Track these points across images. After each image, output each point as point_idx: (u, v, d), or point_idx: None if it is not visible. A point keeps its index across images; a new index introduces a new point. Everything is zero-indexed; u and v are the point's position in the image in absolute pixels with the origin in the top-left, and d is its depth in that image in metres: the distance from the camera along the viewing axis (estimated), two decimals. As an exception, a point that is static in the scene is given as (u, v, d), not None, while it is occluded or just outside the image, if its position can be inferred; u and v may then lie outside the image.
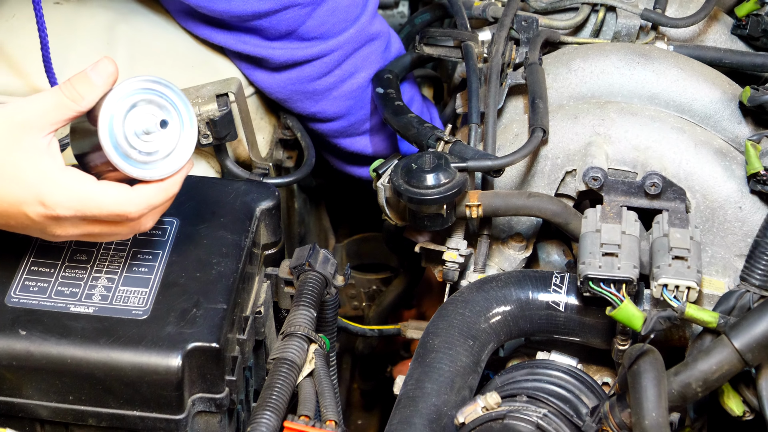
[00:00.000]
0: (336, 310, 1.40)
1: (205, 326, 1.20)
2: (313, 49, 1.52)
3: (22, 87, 1.46)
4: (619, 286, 1.21)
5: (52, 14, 1.52)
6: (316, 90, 1.56)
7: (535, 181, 1.39)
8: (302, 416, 1.19)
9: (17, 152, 1.13)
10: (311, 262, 1.34)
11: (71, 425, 1.21)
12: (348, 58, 1.55)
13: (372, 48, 1.58)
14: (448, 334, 1.26)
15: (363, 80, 1.58)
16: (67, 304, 1.21)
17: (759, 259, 1.24)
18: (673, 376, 1.15)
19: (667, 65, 1.41)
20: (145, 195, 1.15)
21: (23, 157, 1.13)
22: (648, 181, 1.30)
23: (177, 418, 1.19)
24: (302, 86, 1.56)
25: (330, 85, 1.56)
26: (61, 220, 1.15)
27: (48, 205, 1.13)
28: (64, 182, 1.13)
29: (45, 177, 1.13)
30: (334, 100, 1.58)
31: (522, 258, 1.42)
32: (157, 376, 1.16)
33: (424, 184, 1.29)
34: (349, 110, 1.60)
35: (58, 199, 1.13)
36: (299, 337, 1.26)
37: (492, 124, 1.39)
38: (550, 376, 1.29)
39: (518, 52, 1.47)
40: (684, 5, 1.55)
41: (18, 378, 1.18)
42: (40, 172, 1.13)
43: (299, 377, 1.23)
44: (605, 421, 1.18)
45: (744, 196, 1.33)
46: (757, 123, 1.40)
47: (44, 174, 1.13)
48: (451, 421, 1.19)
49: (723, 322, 1.17)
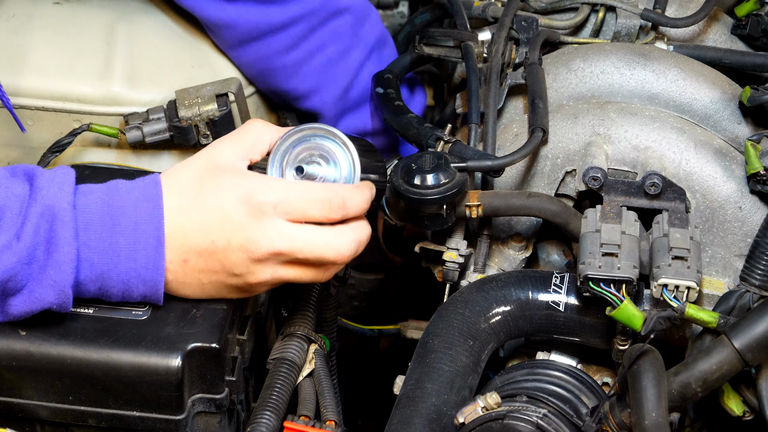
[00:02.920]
0: (336, 310, 1.40)
1: (205, 326, 1.20)
2: (274, 12, 1.49)
3: (22, 87, 1.46)
4: (619, 286, 1.21)
5: (51, 14, 1.52)
6: (286, 65, 1.53)
7: (535, 181, 1.39)
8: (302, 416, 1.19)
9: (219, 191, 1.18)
10: (311, 262, 1.34)
11: (71, 425, 1.20)
12: (314, 31, 1.53)
13: (340, 22, 1.55)
14: (448, 334, 1.26)
15: (333, 55, 1.55)
16: (67, 305, 1.21)
17: (759, 259, 1.24)
18: (673, 376, 1.15)
19: (667, 65, 1.41)
20: (350, 232, 1.21)
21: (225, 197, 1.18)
22: (648, 181, 1.30)
23: (177, 419, 1.19)
24: (270, 62, 1.53)
25: (298, 60, 1.53)
26: (263, 262, 1.18)
27: (251, 243, 1.17)
28: (267, 224, 1.18)
29: (249, 219, 1.18)
30: (305, 76, 1.55)
31: (522, 258, 1.42)
32: (156, 376, 1.16)
33: (424, 184, 1.29)
34: (320, 85, 1.57)
35: (264, 239, 1.17)
36: (299, 337, 1.26)
37: (492, 124, 1.39)
38: (550, 376, 1.29)
39: (518, 52, 1.47)
40: (684, 5, 1.55)
41: (18, 378, 1.18)
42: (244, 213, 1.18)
43: (299, 377, 1.23)
44: (605, 421, 1.18)
45: (744, 196, 1.33)
46: (757, 123, 1.40)
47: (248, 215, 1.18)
48: (450, 421, 1.19)
49: (723, 322, 1.17)
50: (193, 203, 1.18)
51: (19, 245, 1.11)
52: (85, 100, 1.46)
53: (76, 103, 1.46)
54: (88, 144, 1.48)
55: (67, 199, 1.14)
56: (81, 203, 1.15)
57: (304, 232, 1.19)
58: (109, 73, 1.47)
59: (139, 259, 1.16)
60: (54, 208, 1.13)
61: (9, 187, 1.14)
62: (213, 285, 1.20)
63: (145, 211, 1.16)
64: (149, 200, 1.17)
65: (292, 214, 1.18)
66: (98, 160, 1.46)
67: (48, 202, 1.13)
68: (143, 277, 1.17)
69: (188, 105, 1.43)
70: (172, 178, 1.20)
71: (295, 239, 1.18)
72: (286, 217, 1.18)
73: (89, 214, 1.15)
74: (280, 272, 1.20)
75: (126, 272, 1.16)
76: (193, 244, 1.18)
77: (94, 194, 1.17)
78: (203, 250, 1.18)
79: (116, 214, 1.16)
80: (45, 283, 1.13)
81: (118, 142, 1.47)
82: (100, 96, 1.46)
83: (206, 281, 1.20)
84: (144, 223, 1.16)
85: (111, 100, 1.46)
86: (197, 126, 1.43)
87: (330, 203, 1.20)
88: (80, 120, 1.45)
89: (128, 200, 1.17)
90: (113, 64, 1.48)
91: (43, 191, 1.14)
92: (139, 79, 1.48)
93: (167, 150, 1.47)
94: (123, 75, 1.47)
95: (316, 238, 1.19)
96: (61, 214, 1.13)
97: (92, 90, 1.46)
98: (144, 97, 1.47)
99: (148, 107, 1.45)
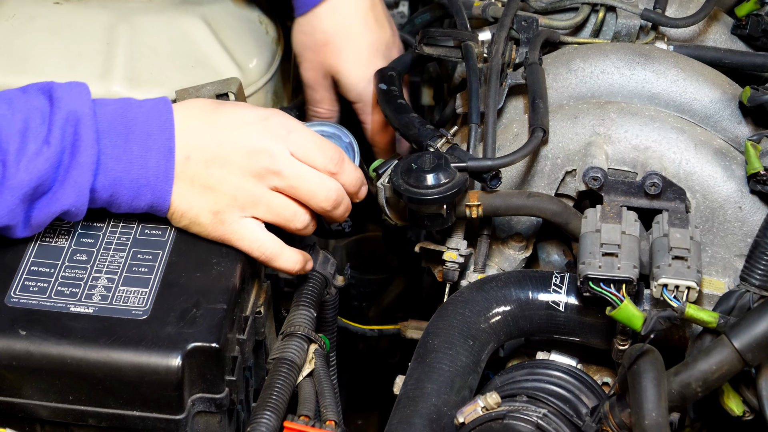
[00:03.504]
0: (336, 310, 1.41)
1: (205, 326, 1.20)
2: None
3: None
4: (619, 286, 1.21)
5: (52, 14, 1.52)
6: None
7: (535, 181, 1.39)
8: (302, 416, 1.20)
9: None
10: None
11: (71, 425, 1.21)
12: None
13: None
14: (448, 334, 1.26)
15: None
16: (67, 304, 1.21)
17: (759, 259, 1.24)
18: (673, 376, 1.15)
19: (667, 65, 1.41)
20: (339, 184, 1.30)
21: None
22: (648, 181, 1.30)
23: (177, 418, 1.19)
24: None
25: None
26: (260, 178, 1.26)
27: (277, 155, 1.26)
28: (277, 145, 1.28)
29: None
30: None
31: (522, 258, 1.42)
32: (157, 376, 1.16)
33: (424, 184, 1.29)
34: None
35: (269, 155, 1.26)
36: (299, 337, 1.26)
37: (492, 124, 1.39)
38: (550, 376, 1.29)
39: (518, 52, 1.47)
40: (684, 5, 1.55)
41: (18, 378, 1.18)
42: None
43: (299, 377, 1.24)
44: (605, 421, 1.18)
45: (744, 196, 1.33)
46: (757, 123, 1.40)
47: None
48: (451, 421, 1.19)
49: (723, 322, 1.17)
50: (210, 114, 1.28)
51: (50, 150, 1.18)
52: (85, 100, 1.46)
53: (77, 103, 1.46)
54: (88, 144, 1.48)
55: (88, 104, 1.22)
56: (99, 111, 1.23)
57: (305, 166, 1.28)
58: (109, 73, 1.47)
59: (150, 167, 1.23)
60: (77, 113, 1.20)
61: (28, 101, 1.21)
62: (201, 192, 1.25)
63: (156, 121, 1.24)
64: (161, 113, 1.25)
65: (299, 149, 1.27)
66: (98, 160, 1.46)
67: (71, 107, 1.20)
68: (153, 184, 1.24)
69: (188, 105, 1.43)
70: (190, 101, 1.31)
71: (297, 166, 1.27)
72: (293, 149, 1.27)
73: (106, 122, 1.23)
74: (269, 196, 1.27)
75: (137, 179, 1.23)
76: (200, 143, 1.25)
77: (109, 105, 1.24)
78: (208, 149, 1.25)
79: (130, 123, 1.23)
80: (67, 184, 1.20)
81: (118, 142, 1.47)
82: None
83: (198, 184, 1.25)
84: (156, 133, 1.24)
85: (111, 101, 1.46)
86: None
87: (332, 157, 1.29)
88: (80, 120, 1.45)
89: (141, 112, 1.25)
90: (113, 64, 1.48)
91: (64, 99, 1.21)
92: (139, 80, 1.48)
93: (167, 150, 1.47)
94: (123, 75, 1.47)
95: (314, 173, 1.28)
96: (85, 118, 1.20)
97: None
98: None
99: (148, 107, 1.44)
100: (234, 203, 1.26)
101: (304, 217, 1.30)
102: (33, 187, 1.18)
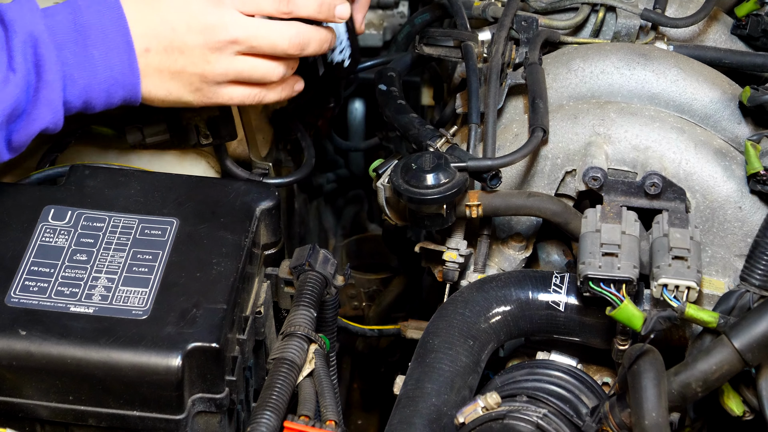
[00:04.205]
0: (336, 310, 1.40)
1: (205, 326, 1.20)
2: None
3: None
4: (619, 286, 1.21)
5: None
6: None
7: (535, 181, 1.39)
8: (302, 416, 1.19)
9: None
10: (311, 262, 1.34)
11: (71, 425, 1.20)
12: None
13: None
14: (448, 334, 1.26)
15: None
16: (67, 304, 1.21)
17: (759, 259, 1.24)
18: (673, 376, 1.15)
19: (667, 65, 1.41)
20: (299, 25, 1.30)
21: None
22: (648, 181, 1.30)
23: (177, 419, 1.19)
24: None
25: None
26: (220, 50, 1.27)
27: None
28: (225, 13, 1.28)
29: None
30: None
31: (522, 258, 1.42)
32: (157, 376, 1.16)
33: (423, 184, 1.30)
34: None
35: (221, 26, 1.27)
36: (299, 337, 1.26)
37: (492, 124, 1.39)
38: (550, 376, 1.29)
39: (518, 52, 1.47)
40: (684, 5, 1.55)
41: (18, 378, 1.18)
42: None
43: (299, 377, 1.23)
44: (605, 421, 1.18)
45: (744, 196, 1.33)
46: (757, 123, 1.40)
47: None
48: (451, 421, 1.19)
49: (723, 322, 1.17)
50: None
51: (17, 76, 1.18)
52: (85, 100, 1.46)
53: (76, 103, 1.46)
54: (88, 144, 1.48)
55: (41, 22, 1.21)
56: (50, 24, 1.22)
57: (258, 21, 1.29)
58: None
59: (114, 66, 1.24)
60: (33, 33, 1.20)
61: None
62: (173, 78, 1.28)
63: (109, 20, 1.24)
64: (111, 10, 1.24)
65: (245, 4, 1.28)
66: (98, 160, 1.46)
67: (27, 29, 1.20)
68: (121, 82, 1.25)
69: (188, 105, 1.43)
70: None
71: (250, 26, 1.28)
72: (241, 7, 1.28)
73: (61, 34, 1.22)
74: (236, 63, 1.29)
75: (105, 81, 1.24)
76: (154, 32, 1.26)
77: (59, 14, 1.23)
78: (163, 37, 1.26)
79: (85, 28, 1.23)
80: (40, 104, 1.21)
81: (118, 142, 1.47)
82: None
83: (166, 72, 1.27)
84: (112, 31, 1.24)
85: (111, 100, 1.46)
86: (197, 126, 1.43)
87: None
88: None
89: (91, 14, 1.24)
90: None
91: (17, 22, 1.20)
92: (139, 79, 1.48)
93: (167, 150, 1.47)
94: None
95: (268, 25, 1.29)
96: (42, 37, 1.20)
97: None
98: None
99: (148, 107, 1.45)
100: (206, 79, 1.29)
101: (277, 69, 1.32)
102: (7, 114, 1.18)
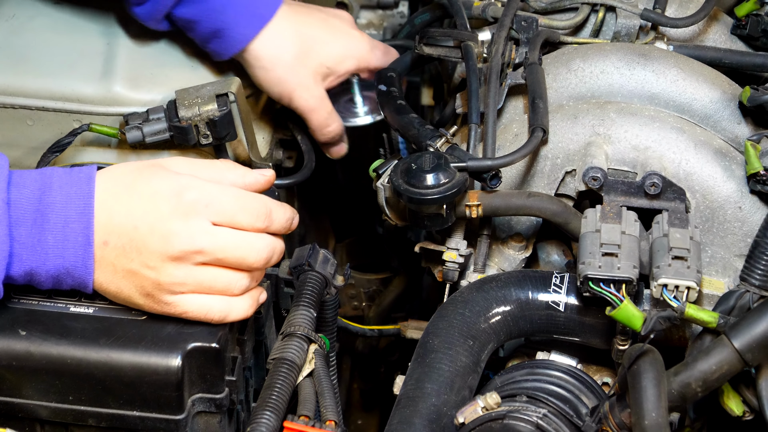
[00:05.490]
0: (336, 310, 1.40)
1: (205, 326, 1.20)
2: None
3: (22, 87, 1.46)
4: (619, 286, 1.21)
5: (52, 14, 1.53)
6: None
7: (535, 181, 1.39)
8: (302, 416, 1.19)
9: None
10: (311, 262, 1.34)
11: (71, 425, 1.21)
12: None
13: None
14: (448, 334, 1.26)
15: None
16: (67, 304, 1.21)
17: (759, 259, 1.24)
18: (673, 376, 1.15)
19: (666, 65, 1.41)
20: (269, 238, 1.25)
21: None
22: (648, 181, 1.30)
23: (177, 419, 1.19)
24: None
25: None
26: (179, 260, 1.19)
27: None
28: (194, 222, 1.20)
29: None
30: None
31: (522, 258, 1.42)
32: (156, 376, 1.16)
33: (423, 184, 1.29)
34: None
35: (185, 234, 1.19)
36: (299, 337, 1.26)
37: (492, 124, 1.39)
38: (550, 376, 1.29)
39: (518, 52, 1.47)
40: (684, 5, 1.55)
41: (18, 378, 1.18)
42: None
43: (299, 377, 1.23)
44: (605, 421, 1.18)
45: (744, 196, 1.33)
46: (757, 123, 1.40)
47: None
48: (451, 421, 1.19)
49: (723, 322, 1.17)
50: (126, 189, 1.20)
51: None
52: (85, 100, 1.46)
53: (77, 103, 1.46)
54: (88, 144, 1.48)
55: (3, 191, 1.15)
56: (14, 197, 1.16)
57: (228, 232, 1.22)
58: (110, 73, 1.47)
59: (67, 257, 1.17)
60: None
61: None
62: (125, 277, 1.20)
63: (75, 208, 1.17)
64: (81, 197, 1.18)
65: (221, 217, 1.21)
66: (98, 160, 1.46)
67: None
68: (72, 273, 1.18)
69: (188, 105, 1.43)
70: (113, 168, 1.23)
71: (219, 237, 1.21)
72: (215, 219, 1.21)
73: (21, 210, 1.16)
74: (196, 273, 1.20)
75: (54, 268, 1.18)
76: (116, 226, 1.18)
77: (27, 188, 1.17)
78: (124, 233, 1.18)
79: (47, 211, 1.17)
80: None
81: (118, 142, 1.47)
82: (101, 96, 1.46)
83: (120, 269, 1.19)
84: (74, 221, 1.17)
85: (111, 100, 1.46)
86: (197, 126, 1.43)
87: (259, 213, 1.24)
88: (80, 120, 1.46)
89: (59, 196, 1.18)
90: (113, 64, 1.48)
91: None
92: (140, 80, 1.48)
93: (167, 150, 1.47)
94: (123, 75, 1.47)
95: (239, 239, 1.22)
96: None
97: (92, 90, 1.46)
98: (144, 97, 1.47)
99: (148, 107, 1.45)
100: (160, 287, 1.20)
101: (241, 281, 1.24)
102: None
